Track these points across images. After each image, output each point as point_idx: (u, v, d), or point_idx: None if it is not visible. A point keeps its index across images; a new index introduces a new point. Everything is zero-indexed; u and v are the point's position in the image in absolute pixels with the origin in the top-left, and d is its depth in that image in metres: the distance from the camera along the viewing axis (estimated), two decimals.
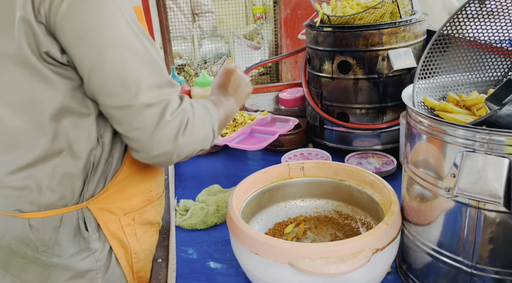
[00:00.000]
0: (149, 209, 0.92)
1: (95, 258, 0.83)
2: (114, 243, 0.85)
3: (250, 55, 2.54)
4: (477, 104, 0.79)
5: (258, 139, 1.36)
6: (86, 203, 0.81)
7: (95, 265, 0.83)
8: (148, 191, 0.91)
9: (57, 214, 0.79)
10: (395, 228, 0.81)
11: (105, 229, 0.83)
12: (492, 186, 0.63)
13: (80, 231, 0.81)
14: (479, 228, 0.69)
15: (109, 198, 0.83)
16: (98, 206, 0.82)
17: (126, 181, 0.85)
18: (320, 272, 0.72)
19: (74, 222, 0.80)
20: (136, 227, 0.89)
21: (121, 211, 0.86)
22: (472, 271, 0.72)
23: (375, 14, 1.26)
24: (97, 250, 0.83)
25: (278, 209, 1.06)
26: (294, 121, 1.45)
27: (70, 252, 0.81)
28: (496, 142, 0.62)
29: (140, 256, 0.91)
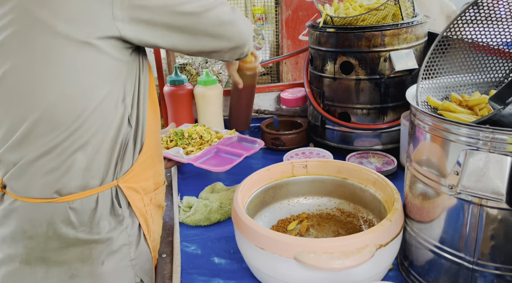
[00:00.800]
0: (159, 192, 0.97)
1: (127, 233, 0.87)
2: (141, 220, 0.90)
3: None
4: (479, 104, 0.81)
5: (223, 160, 1.32)
6: (117, 181, 0.85)
7: (128, 240, 0.87)
8: (158, 174, 0.97)
9: (94, 194, 0.82)
10: (398, 225, 0.82)
11: (134, 206, 0.88)
12: (494, 183, 0.65)
13: (114, 208, 0.85)
14: (481, 224, 0.70)
15: (135, 177, 0.88)
16: (127, 184, 0.86)
17: (145, 163, 0.90)
18: (325, 267, 0.74)
19: (109, 200, 0.84)
20: (151, 208, 0.94)
21: (143, 190, 0.91)
22: (473, 267, 0.73)
23: (377, 15, 1.28)
24: (128, 225, 0.87)
25: (281, 206, 1.07)
26: (260, 144, 1.40)
27: (107, 229, 0.85)
28: (499, 141, 0.64)
29: (155, 235, 0.97)
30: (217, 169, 1.24)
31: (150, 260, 0.94)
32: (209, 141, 1.40)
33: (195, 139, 1.40)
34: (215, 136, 1.43)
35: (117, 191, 0.85)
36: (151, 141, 0.91)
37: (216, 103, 1.58)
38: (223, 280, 0.91)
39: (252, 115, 1.74)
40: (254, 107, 1.75)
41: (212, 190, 1.24)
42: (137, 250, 0.90)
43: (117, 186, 0.85)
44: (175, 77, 1.56)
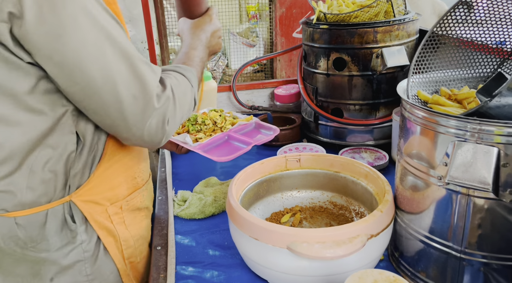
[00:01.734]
0: (135, 196, 0.94)
1: (82, 249, 0.84)
2: (102, 233, 0.86)
3: (245, 53, 2.57)
4: (468, 98, 0.83)
5: (232, 149, 1.24)
6: (69, 197, 0.81)
7: (82, 256, 0.85)
8: (132, 178, 0.93)
9: (42, 210, 0.79)
10: (389, 216, 0.84)
11: (92, 220, 0.84)
12: (481, 174, 0.67)
13: (67, 224, 0.82)
14: (469, 214, 0.72)
15: (93, 190, 0.84)
16: (83, 198, 0.82)
17: (109, 172, 0.86)
18: (317, 256, 0.75)
19: (60, 216, 0.81)
20: (124, 215, 0.91)
21: (107, 201, 0.87)
22: (461, 256, 0.75)
23: (370, 12, 1.30)
24: (84, 241, 0.84)
25: (275, 199, 1.09)
26: (275, 131, 1.33)
27: (58, 246, 0.82)
28: (486, 132, 0.66)
29: (130, 243, 0.93)
30: (220, 159, 1.17)
31: (115, 272, 0.91)
32: (222, 127, 1.33)
33: (208, 126, 1.33)
34: (229, 123, 1.34)
35: (70, 206, 0.82)
36: (117, 147, 0.87)
37: (209, 99, 1.59)
38: (217, 271, 0.93)
39: (246, 111, 1.76)
40: (248, 104, 1.76)
41: (206, 184, 1.26)
42: (95, 265, 0.86)
43: (70, 201, 0.81)
44: None
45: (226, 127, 1.33)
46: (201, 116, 1.36)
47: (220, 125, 1.33)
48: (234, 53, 2.55)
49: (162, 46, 2.23)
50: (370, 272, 0.69)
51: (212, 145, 1.27)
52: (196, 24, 1.05)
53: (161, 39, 2.22)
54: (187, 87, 0.87)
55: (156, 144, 0.83)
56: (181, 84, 0.85)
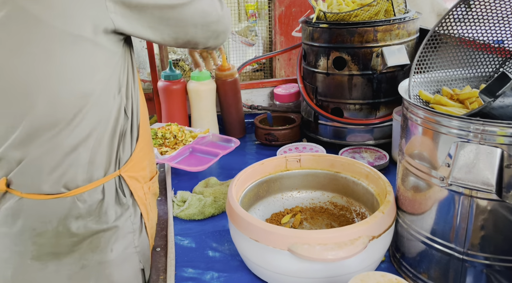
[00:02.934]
0: (154, 180, 0.99)
1: (131, 221, 0.89)
2: (142, 208, 0.92)
3: (244, 52, 2.56)
4: (470, 98, 0.83)
5: (199, 160, 1.32)
6: (119, 171, 0.86)
7: (132, 228, 0.90)
8: (152, 163, 0.99)
9: (99, 185, 0.84)
10: (391, 217, 0.83)
11: (136, 195, 0.90)
12: (485, 175, 0.66)
13: (119, 197, 0.87)
14: (471, 216, 0.72)
15: (134, 167, 0.89)
16: (128, 174, 0.88)
17: (142, 152, 0.92)
18: (319, 258, 0.75)
19: (114, 190, 0.86)
20: (150, 196, 0.96)
21: (142, 179, 0.92)
22: (463, 257, 0.75)
23: (370, 11, 1.29)
24: (132, 214, 0.89)
25: (275, 200, 1.08)
26: (236, 143, 1.39)
27: (114, 217, 0.86)
28: (489, 133, 0.65)
29: (153, 223, 0.99)
30: (193, 169, 1.24)
31: (149, 248, 0.96)
32: (183, 140, 1.40)
33: (169, 139, 1.39)
34: (189, 136, 1.42)
35: (120, 181, 0.87)
36: (144, 131, 0.93)
37: (209, 99, 1.58)
38: (218, 273, 0.92)
39: (246, 111, 1.75)
40: (247, 103, 1.75)
41: (206, 185, 1.25)
42: (140, 237, 0.92)
43: (120, 175, 0.87)
44: (169, 72, 1.56)
45: (188, 140, 1.40)
46: (161, 131, 1.41)
47: (181, 138, 1.39)
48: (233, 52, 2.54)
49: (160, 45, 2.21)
50: (372, 275, 0.68)
51: (180, 157, 1.34)
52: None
53: None
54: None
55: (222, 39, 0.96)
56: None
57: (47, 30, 0.72)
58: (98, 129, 0.81)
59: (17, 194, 0.80)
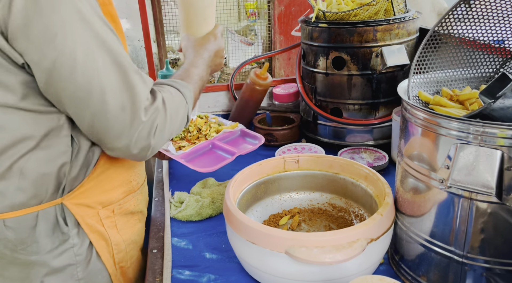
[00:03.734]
0: (129, 199, 0.92)
1: (74, 253, 0.83)
2: (93, 237, 0.85)
3: (244, 51, 2.55)
4: (470, 99, 0.82)
5: (216, 158, 1.21)
6: (61, 199, 0.80)
7: (74, 260, 0.83)
8: (127, 182, 0.91)
9: (32, 212, 0.78)
10: (389, 219, 0.82)
11: (83, 224, 0.83)
12: (484, 177, 0.65)
13: (60, 226, 0.81)
14: (471, 218, 0.71)
15: (86, 193, 0.82)
16: (75, 201, 0.81)
17: (104, 175, 0.85)
18: (316, 261, 0.74)
19: (52, 218, 0.80)
20: (116, 218, 0.89)
21: (99, 204, 0.85)
22: (463, 261, 0.74)
23: (369, 11, 1.28)
24: (76, 244, 0.83)
25: (273, 201, 1.07)
26: (260, 140, 1.27)
27: (48, 248, 0.80)
28: (489, 134, 0.64)
29: (121, 247, 0.91)
30: (203, 170, 1.14)
31: (106, 276, 0.89)
32: (207, 135, 1.29)
33: (192, 133, 1.30)
34: (214, 130, 1.31)
35: (62, 209, 0.80)
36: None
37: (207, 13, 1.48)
38: (214, 275, 0.91)
39: None
40: None
41: (203, 185, 1.24)
42: (87, 269, 0.85)
43: (62, 203, 0.80)
44: (166, 72, 1.55)
45: (211, 134, 1.29)
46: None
47: (205, 132, 1.30)
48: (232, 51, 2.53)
49: (159, 44, 2.20)
50: (370, 279, 0.68)
51: (195, 154, 1.23)
52: (200, 42, 1.03)
53: (158, 38, 2.20)
54: (181, 103, 0.85)
55: (141, 157, 0.80)
56: (174, 99, 0.83)
57: None
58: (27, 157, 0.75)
59: None
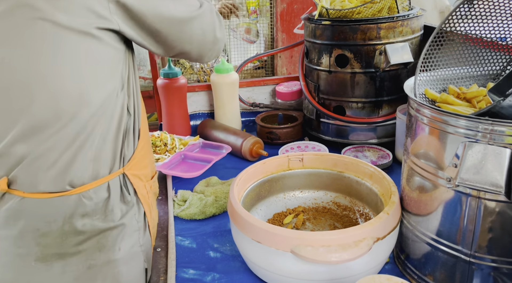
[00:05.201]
0: (155, 180, 0.98)
1: (136, 220, 0.88)
2: (145, 207, 0.91)
3: (246, 49, 2.53)
4: (477, 96, 0.81)
5: (192, 166, 1.33)
6: (123, 169, 0.85)
7: (137, 226, 0.88)
8: (152, 162, 0.98)
9: (105, 182, 0.82)
10: (395, 218, 0.82)
11: (139, 194, 0.89)
12: (493, 176, 0.65)
13: (123, 195, 0.86)
14: (479, 217, 0.70)
15: (137, 165, 0.88)
16: (131, 171, 0.87)
17: (143, 151, 0.91)
18: (322, 260, 0.73)
19: (118, 187, 0.85)
20: (151, 195, 0.95)
21: (144, 177, 0.91)
22: (470, 260, 0.73)
23: (373, 8, 1.27)
24: (136, 212, 0.88)
25: (277, 199, 1.07)
26: (227, 149, 1.39)
27: (120, 215, 0.85)
28: (498, 132, 0.64)
29: (154, 223, 0.97)
30: (187, 175, 1.24)
31: (151, 248, 0.95)
32: (174, 148, 1.40)
33: (160, 147, 1.39)
34: (180, 143, 1.42)
35: (124, 178, 0.86)
36: (144, 129, 0.92)
37: (233, 91, 1.57)
38: (219, 274, 0.90)
39: (247, 109, 1.73)
40: (249, 101, 1.73)
41: (207, 184, 1.23)
42: (145, 236, 0.90)
43: (124, 173, 0.86)
44: (168, 70, 1.54)
45: (178, 147, 1.40)
46: (151, 139, 1.40)
47: (172, 146, 1.40)
48: (234, 49, 2.52)
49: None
50: (377, 278, 0.67)
51: (173, 164, 1.34)
52: None
53: None
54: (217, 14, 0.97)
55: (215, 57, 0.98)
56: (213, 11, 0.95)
57: (51, 26, 0.70)
58: (103, 126, 0.80)
59: (19, 194, 0.78)
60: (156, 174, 1.01)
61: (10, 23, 0.70)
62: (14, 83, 0.73)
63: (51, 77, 0.73)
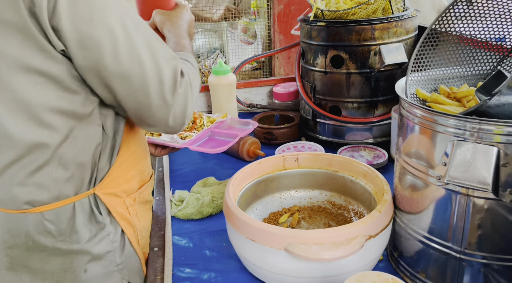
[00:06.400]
0: (144, 189, 0.96)
1: (110, 240, 0.86)
2: (123, 224, 0.89)
3: (243, 50, 2.55)
4: (467, 96, 0.82)
5: (218, 142, 1.32)
6: (93, 189, 0.83)
7: (112, 246, 0.86)
8: (141, 171, 0.95)
9: (69, 203, 0.80)
10: (388, 216, 0.83)
11: (114, 212, 0.86)
12: (481, 174, 0.66)
13: (95, 216, 0.84)
14: (468, 214, 0.71)
15: (113, 182, 0.86)
16: (104, 191, 0.84)
17: (124, 165, 0.88)
18: (315, 258, 0.74)
19: (87, 208, 0.83)
20: (136, 207, 0.93)
21: (124, 193, 0.89)
22: (460, 257, 0.74)
23: (367, 9, 1.28)
24: (111, 232, 0.86)
25: (273, 199, 1.08)
26: (254, 125, 1.38)
27: (87, 237, 0.83)
28: (486, 131, 0.65)
29: (143, 233, 0.96)
30: (213, 151, 1.23)
31: (138, 261, 0.93)
32: (202, 125, 1.39)
33: (188, 126, 1.38)
34: (208, 121, 1.42)
35: (95, 199, 0.83)
36: (130, 140, 0.89)
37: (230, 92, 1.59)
38: (215, 273, 0.92)
39: (244, 110, 1.75)
40: (246, 102, 1.75)
41: (204, 184, 1.25)
42: (123, 254, 0.88)
43: (94, 193, 0.83)
44: None
45: (206, 125, 1.40)
46: None
47: (200, 123, 1.40)
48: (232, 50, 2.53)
49: None
50: (368, 275, 0.68)
51: (199, 141, 1.32)
52: (175, 14, 1.08)
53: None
54: (195, 72, 0.91)
55: (178, 129, 0.85)
56: (190, 69, 0.88)
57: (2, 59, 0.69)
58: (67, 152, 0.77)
59: None
60: (149, 180, 0.99)
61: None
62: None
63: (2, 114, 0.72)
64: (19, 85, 0.70)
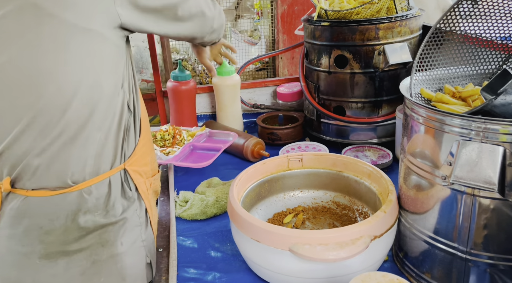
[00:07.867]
0: (156, 178, 1.00)
1: (137, 215, 0.90)
2: (146, 203, 0.93)
3: (247, 51, 2.55)
4: (473, 95, 0.82)
5: (201, 156, 1.35)
6: (124, 165, 0.87)
7: (139, 221, 0.90)
8: (153, 161, 1.00)
9: (106, 178, 0.84)
10: (393, 216, 0.83)
11: (140, 190, 0.91)
12: (487, 173, 0.65)
13: (124, 191, 0.88)
14: (474, 214, 0.71)
15: (137, 161, 0.90)
16: (132, 167, 0.89)
17: (144, 148, 0.93)
18: (320, 258, 0.74)
19: (119, 183, 0.87)
20: (151, 193, 0.97)
21: (145, 174, 0.93)
22: (466, 257, 0.74)
23: (371, 9, 1.28)
24: (137, 208, 0.90)
25: (277, 199, 1.08)
26: (234, 136, 1.42)
27: (121, 210, 0.87)
28: (491, 131, 0.65)
29: (155, 220, 0.99)
30: (198, 165, 1.26)
31: (154, 243, 0.96)
32: (183, 140, 1.42)
33: (169, 140, 1.41)
34: (187, 135, 1.45)
35: (125, 174, 0.88)
36: (145, 126, 0.94)
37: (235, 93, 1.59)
38: (220, 273, 0.92)
39: (248, 110, 1.75)
40: (250, 102, 1.75)
41: (208, 185, 1.25)
42: (146, 231, 0.92)
43: (125, 169, 0.88)
44: (178, 73, 1.56)
45: (187, 139, 1.44)
46: (159, 134, 1.43)
47: (180, 139, 1.43)
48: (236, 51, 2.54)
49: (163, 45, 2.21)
50: (373, 275, 0.68)
51: (183, 156, 1.36)
52: None
53: (162, 39, 2.20)
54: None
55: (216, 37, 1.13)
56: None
57: (58, 24, 0.74)
58: (105, 122, 0.82)
59: (22, 193, 0.80)
60: (158, 172, 1.02)
61: (17, 22, 0.73)
62: (22, 81, 0.75)
63: (58, 74, 0.76)
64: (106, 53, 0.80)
